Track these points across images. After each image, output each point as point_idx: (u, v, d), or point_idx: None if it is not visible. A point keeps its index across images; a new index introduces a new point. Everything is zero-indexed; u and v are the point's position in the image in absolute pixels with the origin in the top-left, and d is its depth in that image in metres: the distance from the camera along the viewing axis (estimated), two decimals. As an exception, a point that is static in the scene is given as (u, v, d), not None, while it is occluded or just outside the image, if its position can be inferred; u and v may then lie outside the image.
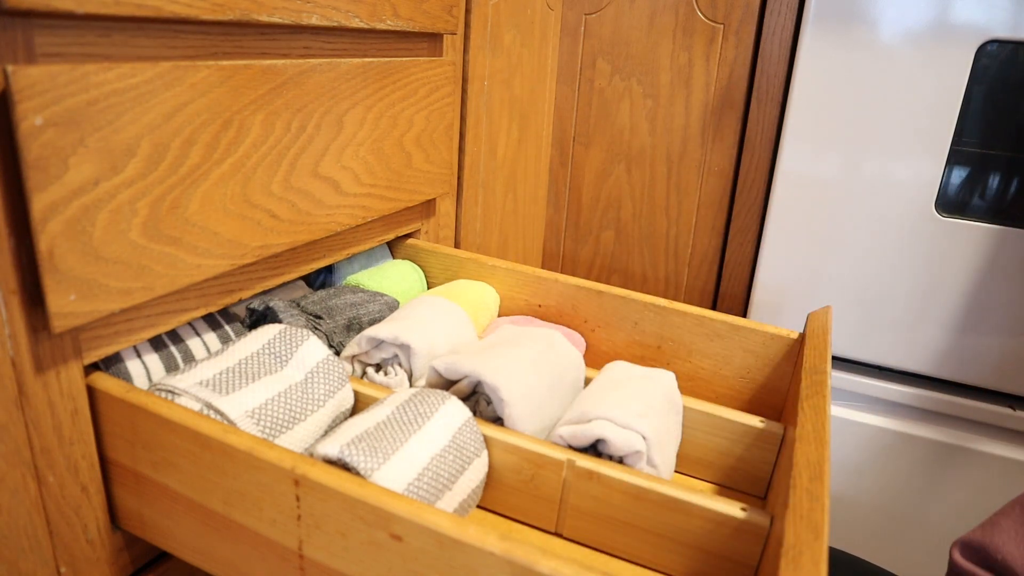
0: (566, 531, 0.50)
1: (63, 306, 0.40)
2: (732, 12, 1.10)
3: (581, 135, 1.26)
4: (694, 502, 0.45)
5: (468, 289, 0.72)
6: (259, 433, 0.46)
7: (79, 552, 0.47)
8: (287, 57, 0.56)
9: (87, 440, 0.46)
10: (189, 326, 0.55)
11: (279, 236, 0.56)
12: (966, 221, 0.98)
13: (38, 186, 0.38)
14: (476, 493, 0.50)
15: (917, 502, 1.08)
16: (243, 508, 0.42)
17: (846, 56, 0.99)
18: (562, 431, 0.50)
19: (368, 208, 0.67)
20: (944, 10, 0.93)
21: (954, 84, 0.95)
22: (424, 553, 0.36)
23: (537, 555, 0.33)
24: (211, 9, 0.46)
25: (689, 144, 1.19)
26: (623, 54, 1.19)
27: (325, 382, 0.51)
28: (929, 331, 1.04)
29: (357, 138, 0.63)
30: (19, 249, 0.39)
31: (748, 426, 0.54)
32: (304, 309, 0.60)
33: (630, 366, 0.58)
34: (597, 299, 0.70)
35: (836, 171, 1.03)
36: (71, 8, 0.38)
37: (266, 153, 0.53)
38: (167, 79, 0.44)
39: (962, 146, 1.00)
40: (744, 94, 1.13)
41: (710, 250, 1.22)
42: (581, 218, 1.30)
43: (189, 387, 0.46)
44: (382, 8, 0.63)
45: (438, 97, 0.74)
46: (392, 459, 0.43)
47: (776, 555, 0.36)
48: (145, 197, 0.44)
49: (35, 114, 0.36)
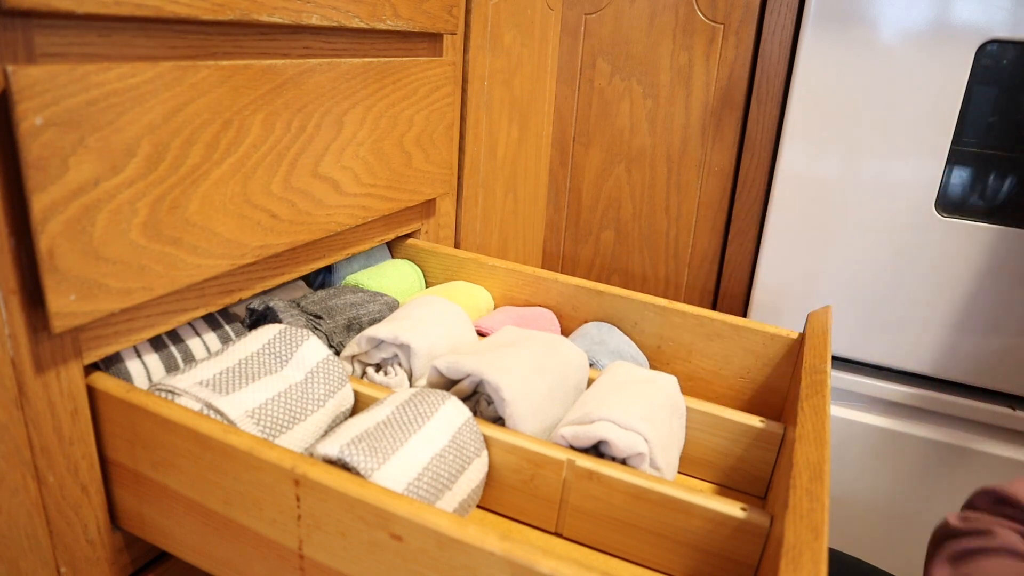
0: (566, 531, 0.50)
1: (63, 306, 0.40)
2: (732, 12, 1.10)
3: (581, 135, 1.26)
4: (694, 502, 0.45)
5: (461, 292, 0.72)
6: (259, 433, 0.46)
7: (79, 552, 0.47)
8: (287, 57, 0.56)
9: (87, 440, 0.46)
10: (189, 326, 0.55)
11: (279, 236, 0.56)
12: (966, 221, 0.98)
13: (38, 186, 0.38)
14: (476, 493, 0.50)
15: (917, 502, 1.08)
16: (243, 508, 0.42)
17: (846, 56, 0.99)
18: (564, 432, 0.50)
19: (368, 208, 0.67)
20: (944, 10, 0.93)
21: (954, 84, 0.95)
22: (424, 553, 0.36)
23: (537, 555, 0.33)
24: (211, 9, 0.46)
25: (689, 144, 1.19)
26: (623, 54, 1.19)
27: (325, 382, 0.51)
28: (929, 331, 1.04)
29: (357, 138, 0.63)
30: (19, 249, 0.39)
31: (748, 426, 0.54)
32: (304, 309, 0.60)
33: (633, 368, 0.58)
34: (597, 299, 0.70)
35: (836, 171, 1.03)
36: (71, 8, 0.38)
37: (266, 153, 0.53)
38: (167, 79, 0.44)
39: (962, 146, 1.00)
40: (744, 94, 1.13)
41: (710, 250, 1.22)
42: (581, 218, 1.30)
43: (189, 387, 0.46)
44: (382, 8, 0.63)
45: (438, 97, 0.74)
46: (392, 459, 0.43)
47: (776, 555, 0.36)
48: (145, 197, 0.44)
49: (35, 114, 0.36)
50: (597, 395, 0.53)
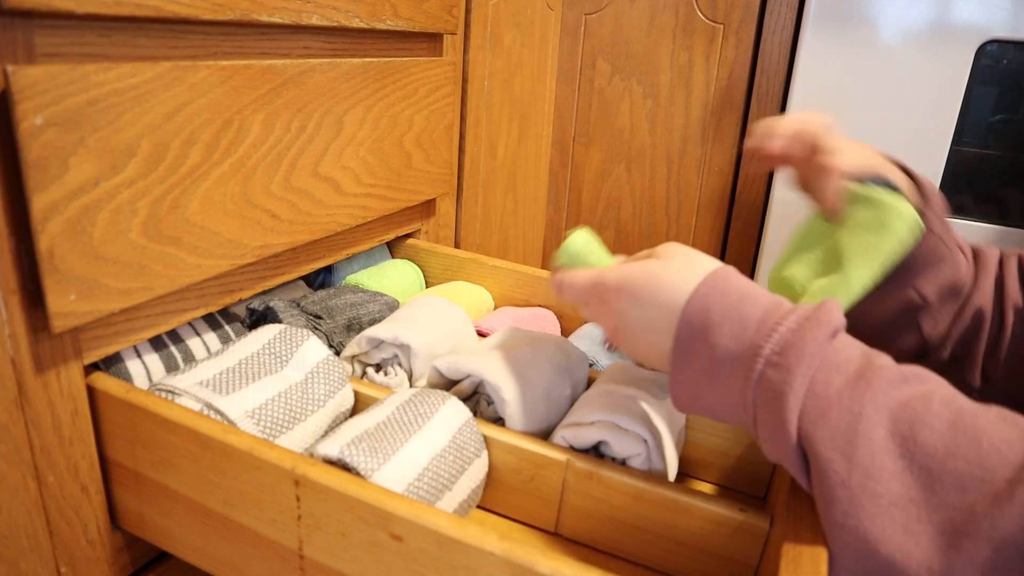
0: (566, 531, 0.50)
1: (63, 306, 0.40)
2: (732, 12, 1.10)
3: (581, 135, 1.26)
4: (694, 503, 0.45)
5: (461, 292, 0.72)
6: (259, 433, 0.46)
7: (79, 552, 0.47)
8: (287, 57, 0.56)
9: (87, 440, 0.46)
10: (189, 326, 0.55)
11: (279, 236, 0.56)
12: (966, 221, 0.98)
13: (38, 186, 0.38)
14: (476, 493, 0.50)
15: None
16: (243, 508, 0.42)
17: (846, 56, 0.99)
18: (564, 433, 0.50)
19: (368, 208, 0.67)
20: (944, 10, 0.93)
21: (954, 84, 0.95)
22: (424, 553, 0.36)
23: (537, 555, 0.33)
24: (211, 9, 0.46)
25: (689, 144, 1.19)
26: (623, 54, 1.19)
27: (325, 382, 0.51)
28: (929, 331, 1.04)
29: (357, 138, 0.63)
30: (19, 249, 0.39)
31: (748, 426, 0.54)
32: (304, 309, 0.60)
33: (633, 368, 0.58)
34: (597, 299, 0.70)
35: (836, 171, 1.03)
36: (71, 8, 0.38)
37: (266, 153, 0.53)
38: (167, 79, 0.44)
39: (962, 146, 1.00)
40: (744, 94, 1.13)
41: (710, 250, 1.22)
42: (581, 218, 1.30)
43: (189, 387, 0.46)
44: (382, 8, 0.63)
45: (438, 97, 0.74)
46: (392, 459, 0.43)
47: (776, 556, 0.36)
48: (145, 197, 0.44)
49: (35, 114, 0.36)
50: (596, 395, 0.53)
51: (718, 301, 0.39)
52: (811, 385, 0.35)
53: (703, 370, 0.40)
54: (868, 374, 0.35)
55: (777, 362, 0.36)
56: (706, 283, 0.40)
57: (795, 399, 0.35)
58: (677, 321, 0.41)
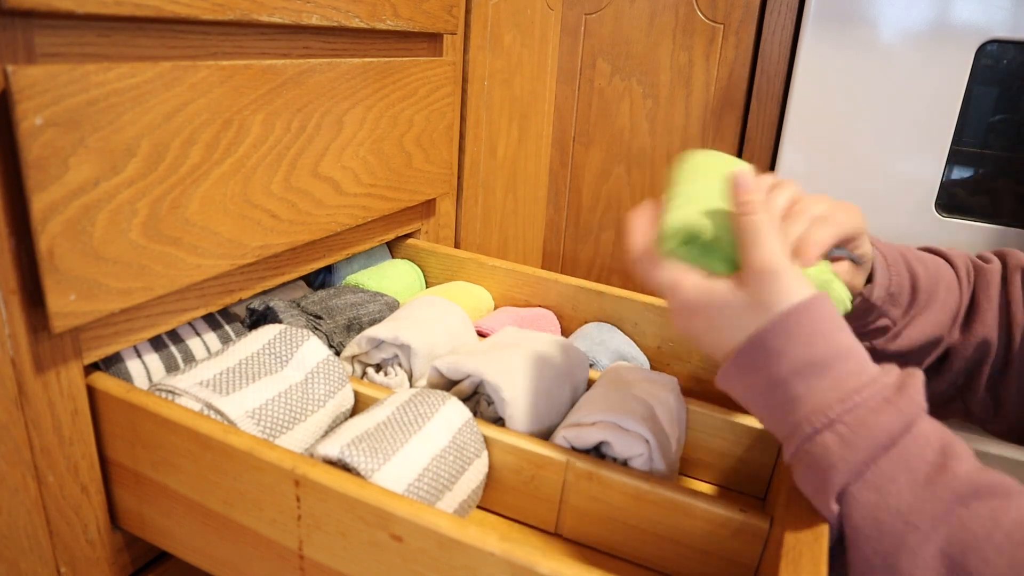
0: (566, 532, 0.50)
1: (63, 306, 0.40)
2: (732, 12, 1.10)
3: (581, 135, 1.26)
4: (694, 503, 0.45)
5: (461, 292, 0.72)
6: (259, 433, 0.46)
7: (79, 552, 0.47)
8: (287, 57, 0.56)
9: (87, 440, 0.46)
10: (189, 326, 0.55)
11: (279, 236, 0.56)
12: (966, 221, 0.98)
13: (38, 186, 0.37)
14: (476, 493, 0.50)
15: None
16: (243, 508, 0.42)
17: (846, 56, 0.99)
18: (565, 433, 0.50)
19: (368, 208, 0.67)
20: (944, 10, 0.93)
21: (954, 84, 0.95)
22: (424, 553, 0.36)
23: (537, 556, 0.33)
24: (211, 9, 0.46)
25: (689, 144, 1.19)
26: (623, 54, 1.19)
27: (325, 382, 0.51)
28: (929, 331, 1.04)
29: (357, 138, 0.63)
30: (19, 249, 0.39)
31: (748, 427, 0.54)
32: (304, 309, 0.60)
33: (633, 368, 0.58)
34: (597, 299, 0.70)
35: (836, 171, 1.03)
36: (71, 8, 0.38)
37: (266, 153, 0.53)
38: (167, 79, 0.44)
39: (962, 146, 1.00)
40: (744, 94, 1.13)
41: (710, 250, 1.22)
42: (581, 218, 1.30)
43: (189, 387, 0.46)
44: (382, 8, 0.63)
45: (438, 97, 0.74)
46: (392, 460, 0.43)
47: (776, 556, 0.36)
48: (145, 197, 0.44)
49: (35, 114, 0.36)
50: (597, 396, 0.53)
51: (807, 330, 0.37)
52: (870, 475, 0.34)
53: (760, 388, 0.38)
54: (938, 480, 0.33)
55: (843, 434, 0.34)
56: (807, 306, 0.38)
57: (840, 476, 0.34)
58: (760, 327, 0.38)
